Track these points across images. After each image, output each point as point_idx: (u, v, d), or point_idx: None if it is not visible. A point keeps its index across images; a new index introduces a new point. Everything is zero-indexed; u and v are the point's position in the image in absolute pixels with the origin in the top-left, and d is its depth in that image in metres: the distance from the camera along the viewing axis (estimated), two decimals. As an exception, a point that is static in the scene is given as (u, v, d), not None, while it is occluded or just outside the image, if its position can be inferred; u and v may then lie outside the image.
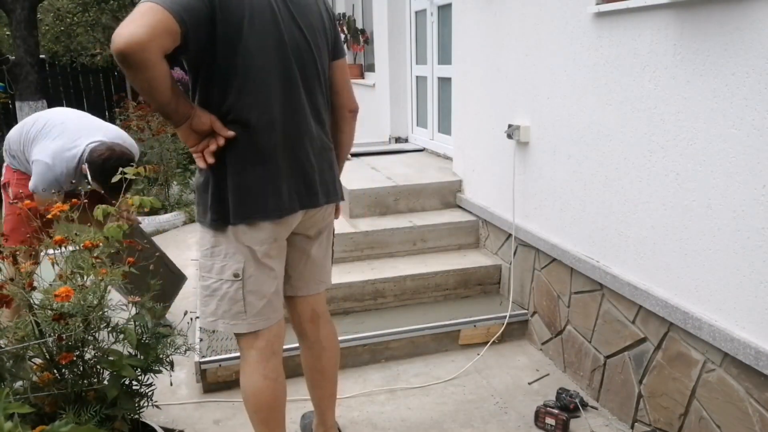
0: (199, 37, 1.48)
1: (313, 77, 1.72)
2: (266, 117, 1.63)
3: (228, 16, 1.52)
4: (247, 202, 1.65)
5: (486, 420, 2.36)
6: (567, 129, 2.50)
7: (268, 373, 1.77)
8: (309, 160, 1.73)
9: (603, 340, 2.41)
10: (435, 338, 2.88)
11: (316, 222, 1.85)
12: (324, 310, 2.04)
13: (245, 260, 1.69)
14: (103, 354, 1.84)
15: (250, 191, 1.64)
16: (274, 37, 1.61)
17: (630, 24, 2.08)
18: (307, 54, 1.69)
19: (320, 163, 1.77)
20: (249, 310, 1.73)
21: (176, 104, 1.54)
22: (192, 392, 2.60)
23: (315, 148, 1.75)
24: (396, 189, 3.55)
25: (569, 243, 2.57)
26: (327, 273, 2.01)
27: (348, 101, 1.91)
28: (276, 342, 1.81)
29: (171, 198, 5.64)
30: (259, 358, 1.77)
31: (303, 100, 1.70)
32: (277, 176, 1.67)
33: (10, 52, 6.93)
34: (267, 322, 1.77)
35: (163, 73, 1.43)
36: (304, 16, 1.69)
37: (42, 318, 1.78)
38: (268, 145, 1.64)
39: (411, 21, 4.88)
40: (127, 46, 1.32)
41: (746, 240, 1.73)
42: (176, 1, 1.40)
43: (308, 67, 1.70)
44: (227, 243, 1.69)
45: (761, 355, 1.68)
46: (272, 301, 1.77)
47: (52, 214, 1.86)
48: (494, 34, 3.05)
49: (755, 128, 1.66)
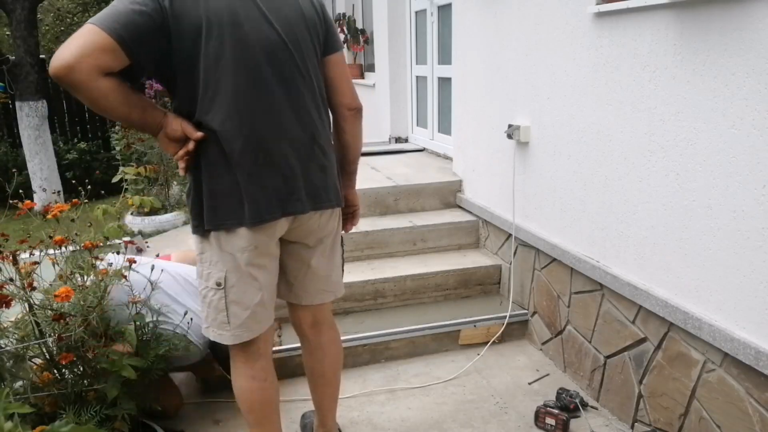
0: (150, 51, 1.47)
1: (293, 76, 1.64)
2: (231, 122, 1.56)
3: (182, 27, 1.49)
4: (221, 208, 1.61)
5: (486, 420, 2.36)
6: (567, 129, 2.50)
7: (255, 374, 1.77)
8: (289, 164, 1.65)
9: (603, 340, 2.41)
10: (435, 338, 2.87)
11: (311, 230, 1.78)
12: (327, 318, 1.99)
13: (227, 269, 1.66)
14: (103, 354, 1.84)
15: (223, 197, 1.60)
16: (236, 38, 1.54)
17: (630, 24, 2.08)
18: (283, 52, 1.61)
19: (306, 167, 1.68)
20: (232, 321, 1.69)
21: (140, 116, 1.53)
22: (192, 392, 2.60)
23: (299, 150, 1.66)
24: (396, 189, 3.55)
25: (569, 243, 2.57)
26: (334, 283, 1.94)
27: (345, 98, 1.80)
28: (263, 345, 1.79)
29: (171, 198, 5.63)
30: (246, 360, 1.77)
31: (279, 100, 1.62)
32: (250, 181, 1.60)
33: (10, 52, 6.92)
34: (250, 334, 1.73)
35: (104, 91, 1.42)
36: (278, 12, 1.62)
37: (42, 318, 1.78)
38: (236, 150, 1.57)
39: (411, 21, 4.88)
40: (56, 70, 1.36)
41: (746, 240, 1.73)
42: (115, 19, 1.41)
43: (285, 66, 1.62)
44: (211, 250, 1.66)
45: (761, 355, 1.68)
46: (256, 312, 1.71)
47: (52, 214, 1.86)
48: (494, 34, 3.05)
49: (755, 128, 1.66)
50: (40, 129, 6.72)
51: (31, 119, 6.64)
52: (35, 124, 6.66)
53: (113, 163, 6.74)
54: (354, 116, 1.83)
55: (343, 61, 1.82)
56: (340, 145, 1.86)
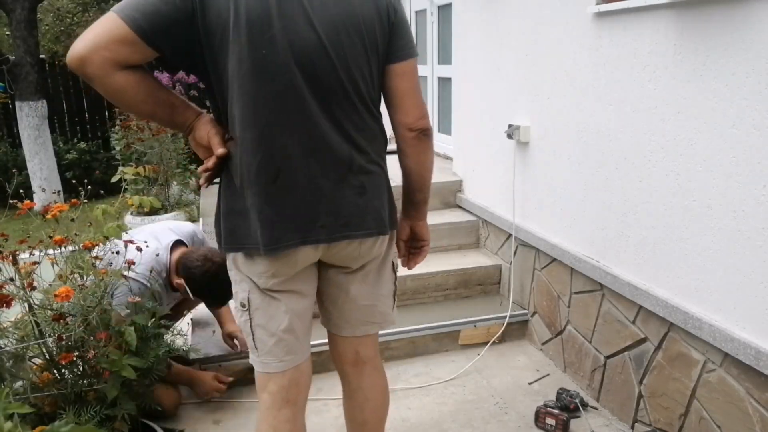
0: (176, 45, 1.31)
1: (332, 86, 1.40)
2: (250, 133, 1.37)
3: (209, 20, 1.30)
4: (237, 230, 1.45)
5: (486, 420, 2.36)
6: (567, 129, 2.50)
7: (278, 425, 1.54)
8: (317, 185, 1.42)
9: (603, 340, 2.40)
10: (435, 338, 2.87)
11: (352, 256, 1.54)
12: (371, 356, 1.72)
13: (249, 289, 1.50)
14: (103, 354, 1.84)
15: (240, 218, 1.44)
16: (264, 39, 1.32)
17: (630, 24, 2.07)
18: (322, 59, 1.37)
19: (338, 189, 1.44)
20: (260, 347, 1.53)
21: (169, 115, 1.39)
22: (192, 392, 2.59)
23: (331, 170, 1.43)
24: (396, 189, 3.54)
25: (569, 243, 2.57)
26: (381, 314, 1.66)
27: (407, 117, 1.52)
28: (292, 390, 1.55)
29: (171, 198, 5.63)
30: (270, 405, 1.54)
31: (312, 113, 1.39)
32: (267, 202, 1.40)
33: (10, 52, 6.92)
34: (281, 365, 1.53)
35: (121, 86, 1.29)
36: (323, 10, 1.37)
37: (42, 318, 1.78)
38: (254, 166, 1.38)
39: (411, 21, 4.88)
40: (69, 61, 1.25)
41: (746, 240, 1.72)
42: (136, 7, 1.26)
43: (323, 73, 1.38)
44: (235, 269, 1.52)
45: (761, 355, 1.68)
46: (285, 340, 1.52)
47: (51, 214, 1.85)
48: (494, 33, 3.05)
49: (755, 128, 1.66)
50: (40, 129, 6.71)
51: (31, 119, 6.64)
52: (35, 124, 6.66)
53: (113, 163, 6.74)
54: (417, 138, 1.54)
55: (413, 72, 1.52)
56: (402, 171, 1.62)
